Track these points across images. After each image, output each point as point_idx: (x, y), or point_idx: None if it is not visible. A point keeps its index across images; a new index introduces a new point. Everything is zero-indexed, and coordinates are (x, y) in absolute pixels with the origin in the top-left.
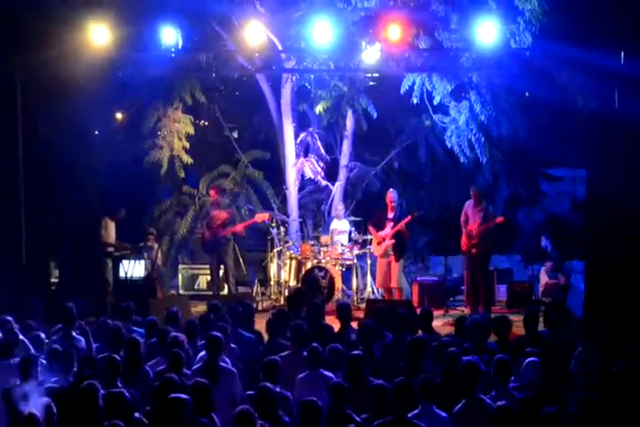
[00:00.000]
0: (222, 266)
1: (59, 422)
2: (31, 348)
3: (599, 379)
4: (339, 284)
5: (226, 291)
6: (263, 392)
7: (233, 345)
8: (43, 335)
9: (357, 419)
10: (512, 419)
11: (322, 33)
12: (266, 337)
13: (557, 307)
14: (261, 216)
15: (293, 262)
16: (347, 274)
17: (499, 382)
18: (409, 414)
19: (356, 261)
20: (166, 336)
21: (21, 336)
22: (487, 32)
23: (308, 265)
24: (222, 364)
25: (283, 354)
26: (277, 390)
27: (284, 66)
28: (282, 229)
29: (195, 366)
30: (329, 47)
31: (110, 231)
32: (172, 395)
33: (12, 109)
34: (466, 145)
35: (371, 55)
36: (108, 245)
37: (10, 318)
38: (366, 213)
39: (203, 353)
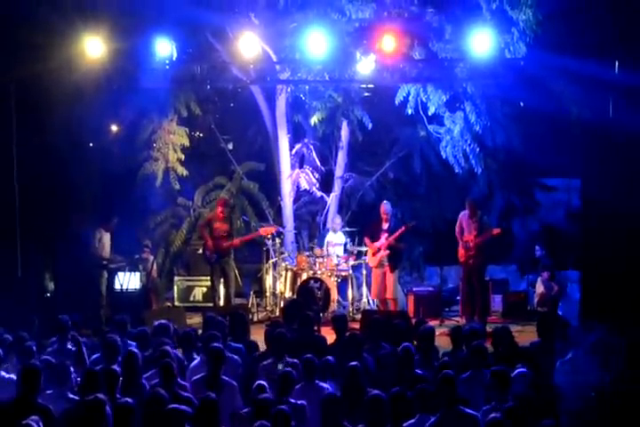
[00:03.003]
0: (223, 278)
1: None
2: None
3: (596, 391)
4: (334, 295)
5: (222, 302)
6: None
7: (234, 356)
8: (34, 348)
9: None
10: None
11: (316, 44)
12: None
13: (550, 317)
14: (267, 230)
15: (289, 274)
16: (342, 285)
17: (496, 393)
18: (405, 424)
19: (351, 272)
20: (159, 348)
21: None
22: (481, 42)
23: (304, 276)
24: (224, 377)
25: (264, 363)
26: (292, 400)
27: (278, 77)
28: (277, 240)
29: (195, 378)
30: (323, 58)
31: (105, 243)
32: (170, 406)
33: (6, 121)
34: (461, 155)
35: (365, 66)
36: (102, 259)
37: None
38: (361, 223)
39: (194, 364)
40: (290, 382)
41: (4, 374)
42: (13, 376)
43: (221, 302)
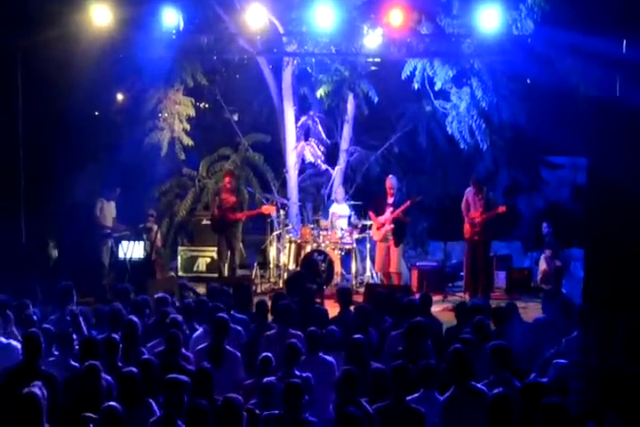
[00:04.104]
0: (229, 249)
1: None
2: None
3: (598, 370)
4: (338, 268)
5: (226, 273)
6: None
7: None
8: (34, 316)
9: (368, 407)
10: (508, 406)
11: (324, 17)
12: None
13: (554, 294)
14: (268, 208)
15: (293, 246)
16: (346, 258)
17: (496, 368)
18: (409, 398)
19: (355, 245)
20: (165, 318)
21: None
22: (489, 18)
23: (308, 249)
24: (227, 347)
25: (269, 333)
26: (297, 372)
27: (285, 49)
28: (282, 212)
29: (199, 347)
30: (330, 31)
31: (108, 212)
32: (170, 376)
33: (13, 89)
34: (466, 131)
35: (372, 40)
36: (104, 228)
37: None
38: (366, 197)
39: (197, 334)
40: (296, 354)
41: (2, 339)
42: (12, 342)
43: (225, 273)
